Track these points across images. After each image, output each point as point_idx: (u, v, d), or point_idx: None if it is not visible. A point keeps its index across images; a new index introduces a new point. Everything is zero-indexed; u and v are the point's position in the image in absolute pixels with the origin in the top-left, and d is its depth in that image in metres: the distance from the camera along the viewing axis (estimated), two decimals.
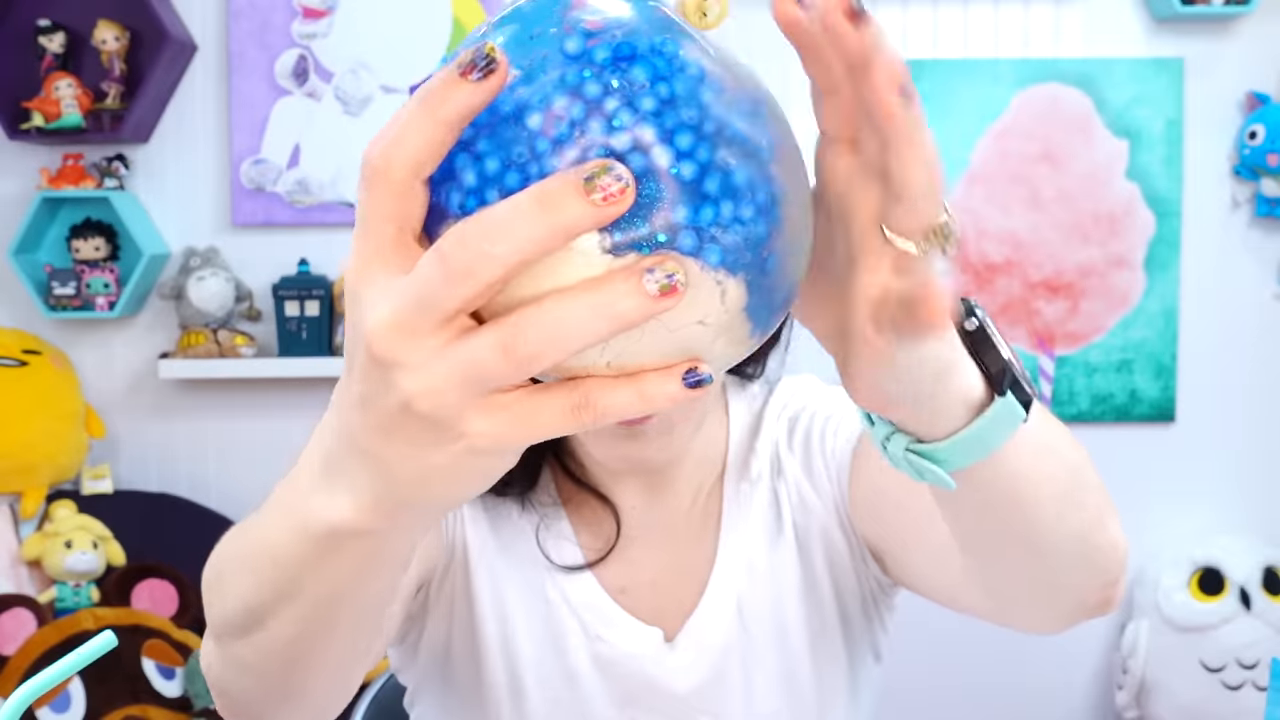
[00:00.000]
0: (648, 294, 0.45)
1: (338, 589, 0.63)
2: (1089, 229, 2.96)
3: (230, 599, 0.71)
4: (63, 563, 2.73)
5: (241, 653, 0.71)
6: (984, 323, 0.61)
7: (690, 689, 1.06)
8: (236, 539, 0.73)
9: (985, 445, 0.62)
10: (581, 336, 0.45)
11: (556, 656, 1.06)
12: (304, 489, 0.59)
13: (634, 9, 0.50)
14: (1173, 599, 2.85)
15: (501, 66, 0.45)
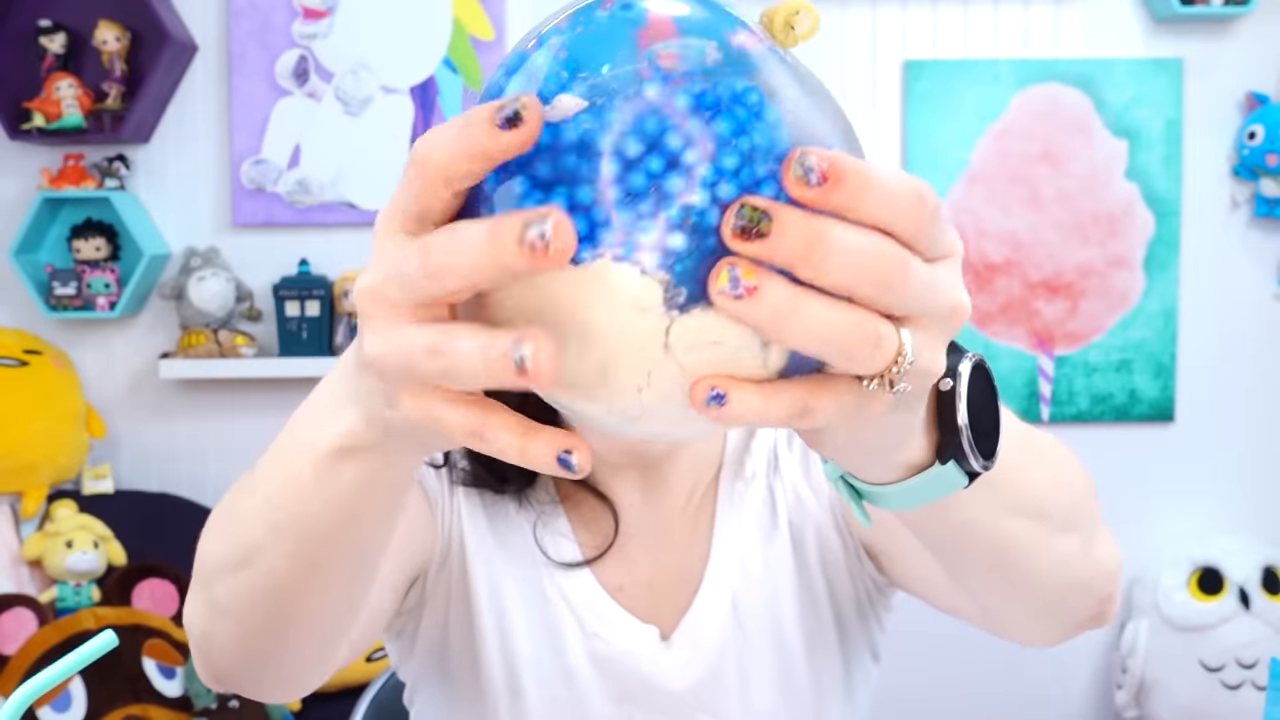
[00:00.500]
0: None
1: (332, 517, 0.64)
2: (1088, 229, 2.96)
3: (224, 537, 0.72)
4: (63, 562, 2.73)
5: (225, 595, 0.72)
6: (957, 384, 0.59)
7: (686, 687, 1.06)
8: (241, 483, 0.75)
9: (915, 501, 0.62)
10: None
11: (554, 653, 1.06)
12: (311, 414, 0.63)
13: (714, 31, 0.48)
14: (1172, 599, 2.85)
15: (530, 124, 0.45)
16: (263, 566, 0.69)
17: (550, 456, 0.48)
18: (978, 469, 0.60)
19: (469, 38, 2.92)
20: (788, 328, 0.45)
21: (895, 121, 2.97)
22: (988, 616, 0.85)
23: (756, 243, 0.44)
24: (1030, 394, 2.98)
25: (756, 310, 0.45)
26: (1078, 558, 0.77)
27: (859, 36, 2.97)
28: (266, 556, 0.68)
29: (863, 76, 2.97)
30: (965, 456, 0.59)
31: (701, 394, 0.47)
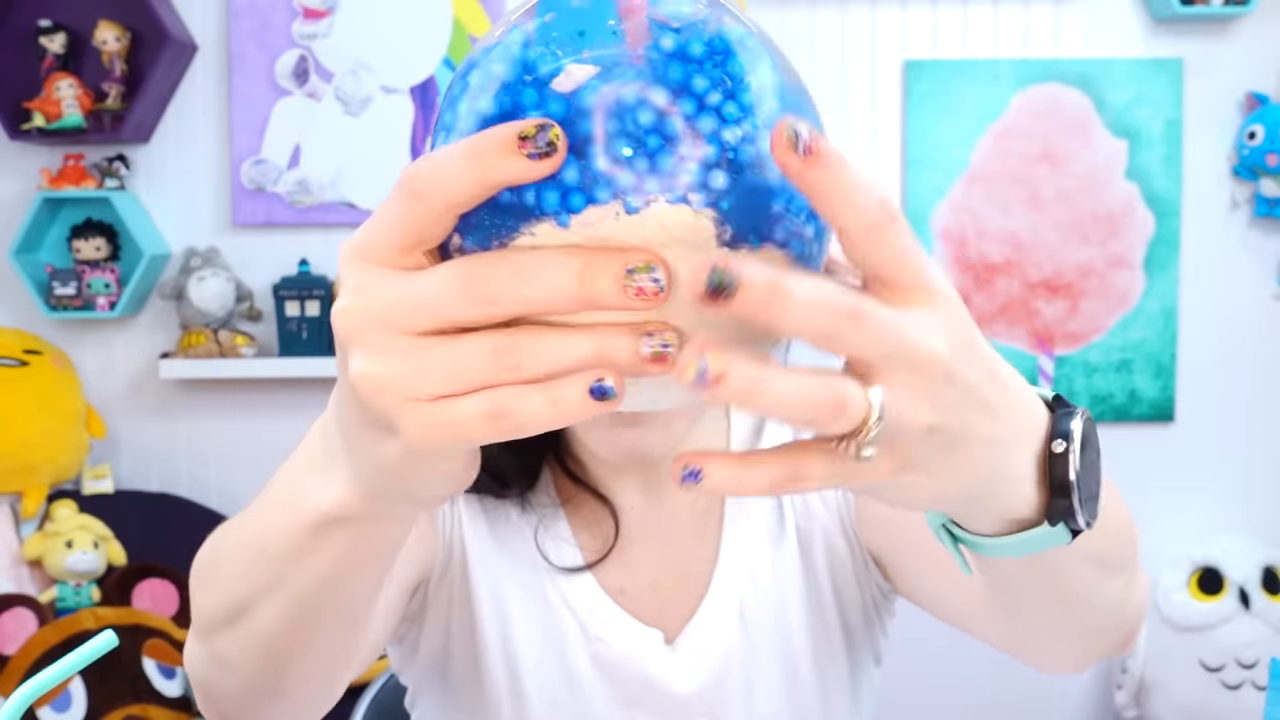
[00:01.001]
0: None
1: (323, 580, 0.64)
2: (1088, 229, 2.96)
3: (216, 592, 0.72)
4: (63, 562, 2.73)
5: (224, 648, 0.72)
6: (1070, 445, 0.59)
7: (691, 691, 1.06)
8: (225, 533, 0.74)
9: (1018, 552, 0.61)
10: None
11: (556, 658, 1.06)
12: (298, 478, 0.62)
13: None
14: (1172, 599, 2.85)
15: (559, 154, 0.46)
16: (256, 623, 0.69)
17: (583, 392, 0.47)
18: (1084, 527, 0.60)
19: (469, 38, 2.92)
20: (756, 404, 0.47)
21: (895, 121, 2.97)
22: (1016, 643, 0.85)
23: (723, 302, 0.45)
24: None
25: (726, 393, 0.46)
26: (1124, 595, 0.78)
27: (859, 36, 2.97)
28: (259, 613, 0.68)
29: (863, 76, 2.97)
30: (1074, 516, 0.59)
31: (677, 472, 0.49)
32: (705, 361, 0.46)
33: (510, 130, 0.45)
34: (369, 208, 2.93)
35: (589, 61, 0.47)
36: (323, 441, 0.60)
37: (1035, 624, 0.79)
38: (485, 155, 0.46)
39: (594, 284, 0.46)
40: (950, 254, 2.96)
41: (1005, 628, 0.84)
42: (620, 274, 0.45)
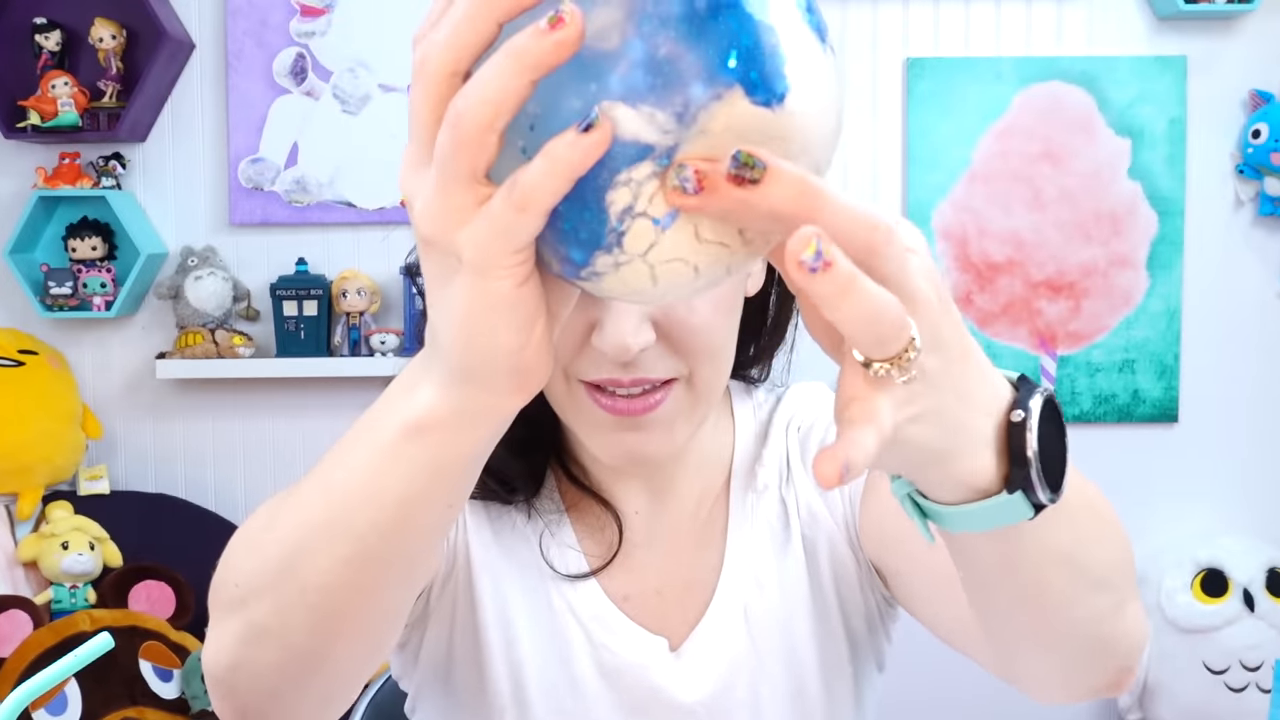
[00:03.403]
0: (545, 31, 0.48)
1: (395, 506, 0.65)
2: (1091, 228, 2.95)
3: (259, 552, 0.71)
4: (59, 564, 2.72)
5: (265, 614, 0.71)
6: (1028, 417, 0.61)
7: (696, 700, 1.05)
8: (279, 497, 0.74)
9: (980, 524, 0.63)
10: (502, 88, 0.49)
11: (560, 665, 1.05)
12: (378, 410, 0.65)
13: None
14: (1175, 600, 2.84)
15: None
16: (313, 574, 0.68)
17: (572, 135, 0.49)
18: (1044, 501, 0.62)
19: None
20: (843, 303, 0.49)
21: (897, 120, 2.97)
22: (1004, 663, 0.85)
23: (748, 187, 0.48)
24: None
25: (825, 284, 0.48)
26: (1109, 617, 0.78)
27: (860, 34, 2.96)
28: (318, 561, 0.68)
29: (864, 75, 2.96)
30: (1033, 488, 0.61)
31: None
32: (822, 243, 0.48)
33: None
34: (368, 207, 2.92)
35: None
36: (409, 371, 0.63)
37: (1012, 635, 0.79)
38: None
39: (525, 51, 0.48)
40: (952, 253, 2.95)
41: (991, 647, 0.84)
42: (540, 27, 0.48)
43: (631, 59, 0.47)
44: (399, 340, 2.86)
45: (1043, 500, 0.61)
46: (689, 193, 0.49)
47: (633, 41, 0.47)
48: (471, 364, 0.58)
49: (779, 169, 0.48)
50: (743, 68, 0.48)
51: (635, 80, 0.48)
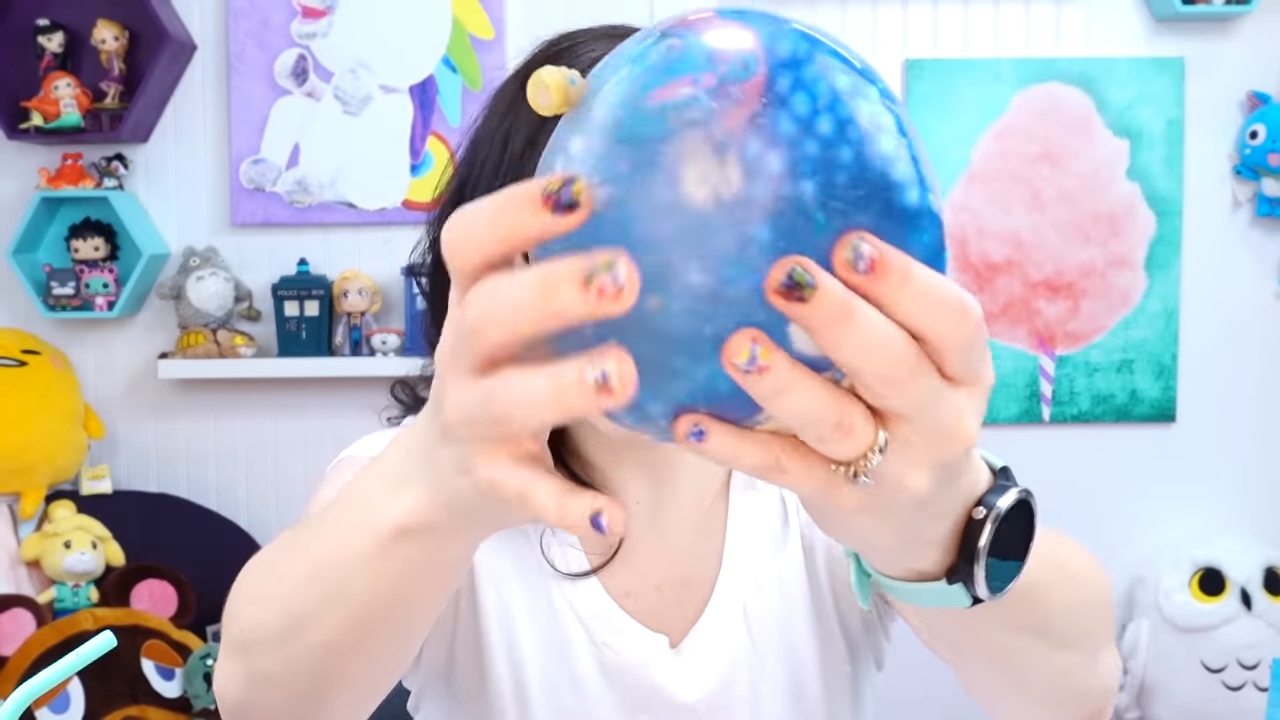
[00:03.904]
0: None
1: (387, 593, 0.64)
2: (1089, 229, 2.96)
3: (266, 607, 0.71)
4: (62, 563, 2.73)
5: (270, 665, 0.71)
6: (987, 516, 0.58)
7: (697, 697, 1.05)
8: (280, 548, 0.73)
9: (921, 602, 0.62)
10: (538, 406, 0.48)
11: (562, 664, 1.05)
12: (370, 491, 0.63)
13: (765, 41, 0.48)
14: (1173, 599, 2.84)
15: (584, 209, 0.46)
16: (314, 637, 0.68)
17: (585, 519, 0.49)
18: (983, 598, 0.60)
19: (468, 37, 2.92)
20: (777, 403, 0.47)
21: None
22: (978, 697, 0.85)
23: (795, 303, 0.46)
24: (1031, 394, 2.97)
25: (758, 386, 0.47)
26: (1080, 670, 0.77)
27: (859, 35, 2.96)
28: (318, 626, 0.67)
29: None
30: (974, 584, 0.59)
31: (684, 428, 0.49)
32: (757, 349, 0.46)
33: (536, 187, 0.47)
34: (368, 208, 2.93)
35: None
36: (404, 457, 0.61)
37: (977, 683, 0.79)
38: (505, 209, 0.47)
39: (555, 293, 0.46)
40: (951, 254, 2.95)
41: (967, 689, 0.84)
42: (579, 278, 0.45)
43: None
44: (400, 340, 2.86)
45: (981, 597, 0.60)
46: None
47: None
48: (469, 510, 0.57)
49: (827, 291, 0.46)
50: None
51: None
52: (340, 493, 0.67)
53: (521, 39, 2.86)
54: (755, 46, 0.47)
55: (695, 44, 0.48)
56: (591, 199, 0.46)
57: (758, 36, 0.48)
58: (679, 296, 0.46)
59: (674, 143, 0.46)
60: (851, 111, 0.48)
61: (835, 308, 0.46)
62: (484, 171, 0.98)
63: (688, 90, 0.46)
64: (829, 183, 0.46)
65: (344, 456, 1.05)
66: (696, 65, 0.47)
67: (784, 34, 0.49)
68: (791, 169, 0.46)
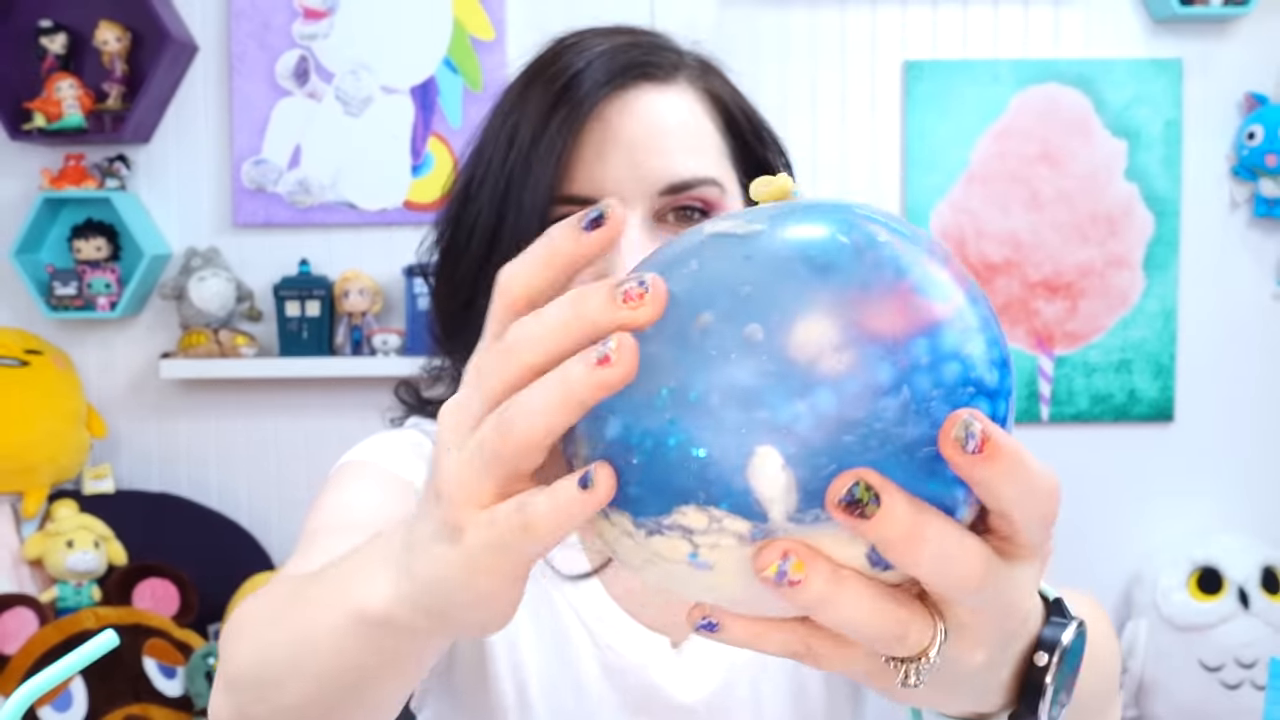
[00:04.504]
0: (591, 366, 0.46)
1: (356, 671, 0.63)
2: (1088, 229, 2.96)
3: (249, 653, 0.71)
4: (64, 562, 2.73)
5: (252, 709, 0.71)
6: (1051, 660, 0.57)
7: (698, 699, 1.05)
8: (271, 598, 0.73)
9: None
10: (546, 408, 0.47)
11: (563, 665, 1.05)
12: (354, 566, 0.62)
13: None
14: (1171, 598, 2.85)
15: (612, 226, 0.47)
16: (289, 698, 0.68)
17: (573, 484, 0.48)
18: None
19: (469, 38, 2.93)
20: (823, 614, 0.46)
21: (895, 122, 2.98)
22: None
23: (857, 520, 0.44)
24: (1030, 394, 2.98)
25: (794, 599, 0.46)
26: None
27: (859, 37, 2.97)
28: (293, 689, 0.67)
29: (863, 77, 2.97)
30: (1036, 717, 0.59)
31: (694, 617, 0.49)
32: (788, 563, 0.45)
33: (611, 284, 0.47)
34: (370, 208, 2.93)
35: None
36: (385, 542, 0.60)
37: None
38: (553, 238, 0.49)
39: (586, 302, 0.46)
40: None
41: None
42: (611, 288, 0.46)
43: None
44: (400, 340, 2.87)
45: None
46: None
47: None
48: (440, 607, 0.55)
49: (891, 507, 0.44)
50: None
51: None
52: (333, 561, 0.66)
53: (522, 40, 2.87)
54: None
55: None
56: (620, 223, 0.47)
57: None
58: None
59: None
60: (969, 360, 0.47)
61: (902, 528, 0.44)
62: (490, 169, 0.99)
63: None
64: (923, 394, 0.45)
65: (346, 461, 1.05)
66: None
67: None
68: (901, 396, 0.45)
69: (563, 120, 0.95)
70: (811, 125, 2.95)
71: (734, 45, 2.85)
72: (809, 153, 2.93)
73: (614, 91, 0.97)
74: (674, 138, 0.97)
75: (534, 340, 0.47)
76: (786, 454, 0.44)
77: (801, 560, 0.45)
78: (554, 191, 0.95)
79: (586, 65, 0.96)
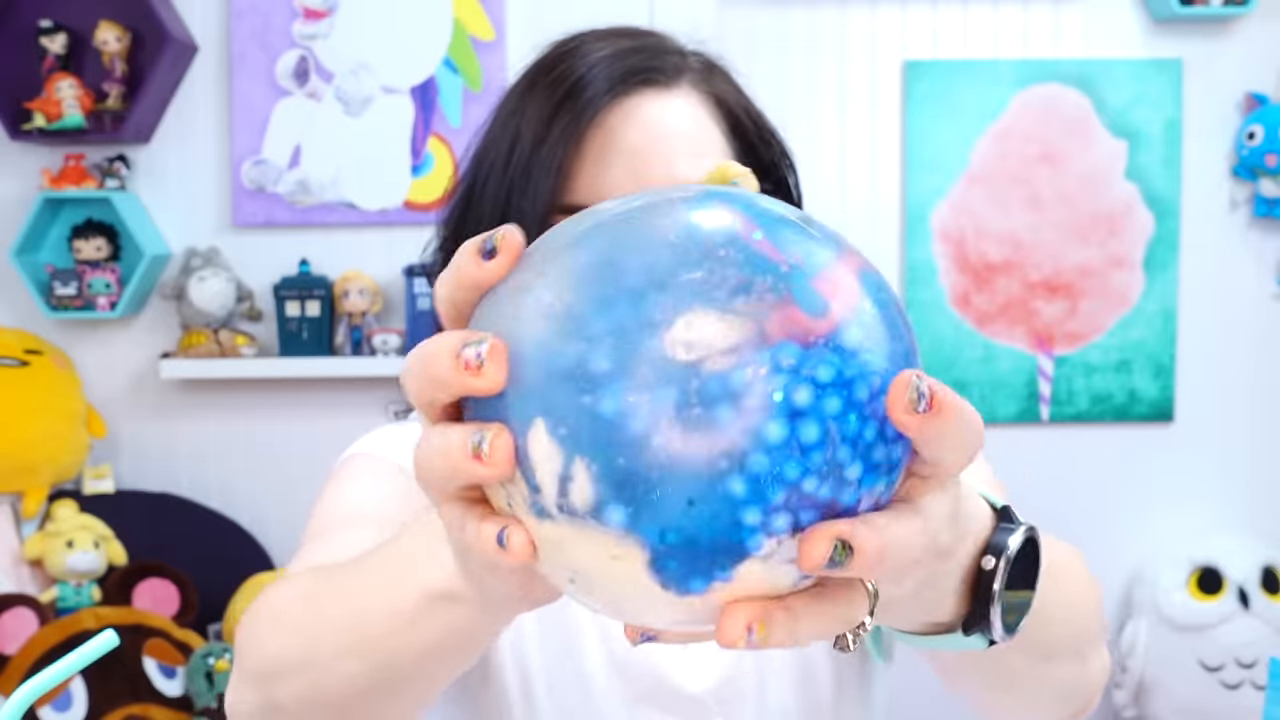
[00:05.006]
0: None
1: (419, 653, 0.64)
2: (1088, 229, 2.96)
3: (290, 639, 0.71)
4: (64, 562, 2.73)
5: (285, 698, 0.71)
6: (999, 563, 0.59)
7: (705, 688, 1.05)
8: (299, 588, 0.73)
9: (932, 648, 0.62)
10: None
11: (569, 657, 1.05)
12: (410, 549, 0.63)
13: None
14: (1171, 598, 2.85)
15: (505, 253, 0.47)
16: (335, 680, 0.68)
17: (491, 537, 0.48)
18: (999, 640, 0.61)
19: (469, 38, 2.93)
20: (769, 641, 0.47)
21: (895, 122, 2.98)
22: (978, 708, 0.87)
23: (835, 570, 0.46)
24: (1030, 394, 2.98)
25: (763, 644, 0.47)
26: (1075, 675, 0.79)
27: (858, 37, 2.97)
28: (341, 670, 0.67)
29: (862, 77, 2.97)
30: (990, 629, 0.60)
31: (631, 635, 0.51)
32: (754, 637, 0.46)
33: (474, 243, 0.48)
34: (369, 208, 2.94)
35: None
36: (429, 529, 0.61)
37: (975, 695, 0.81)
38: (458, 259, 0.49)
39: (436, 365, 0.47)
40: (950, 254, 2.96)
41: (955, 690, 0.86)
42: (453, 355, 0.46)
43: None
44: (400, 340, 2.87)
45: (997, 640, 0.60)
46: None
47: None
48: (497, 588, 0.56)
49: (862, 552, 0.46)
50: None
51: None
52: (386, 544, 0.66)
53: (522, 40, 2.87)
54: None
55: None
56: (518, 243, 0.48)
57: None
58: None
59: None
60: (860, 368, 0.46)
61: (873, 560, 0.46)
62: (491, 175, 0.99)
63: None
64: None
65: (350, 454, 1.06)
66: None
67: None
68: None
69: (564, 128, 0.95)
70: (811, 125, 2.95)
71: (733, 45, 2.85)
72: (809, 153, 2.93)
73: (616, 98, 0.96)
74: (676, 144, 0.97)
75: (414, 382, 0.49)
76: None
77: (761, 623, 0.46)
78: (555, 200, 0.95)
79: (588, 71, 0.96)
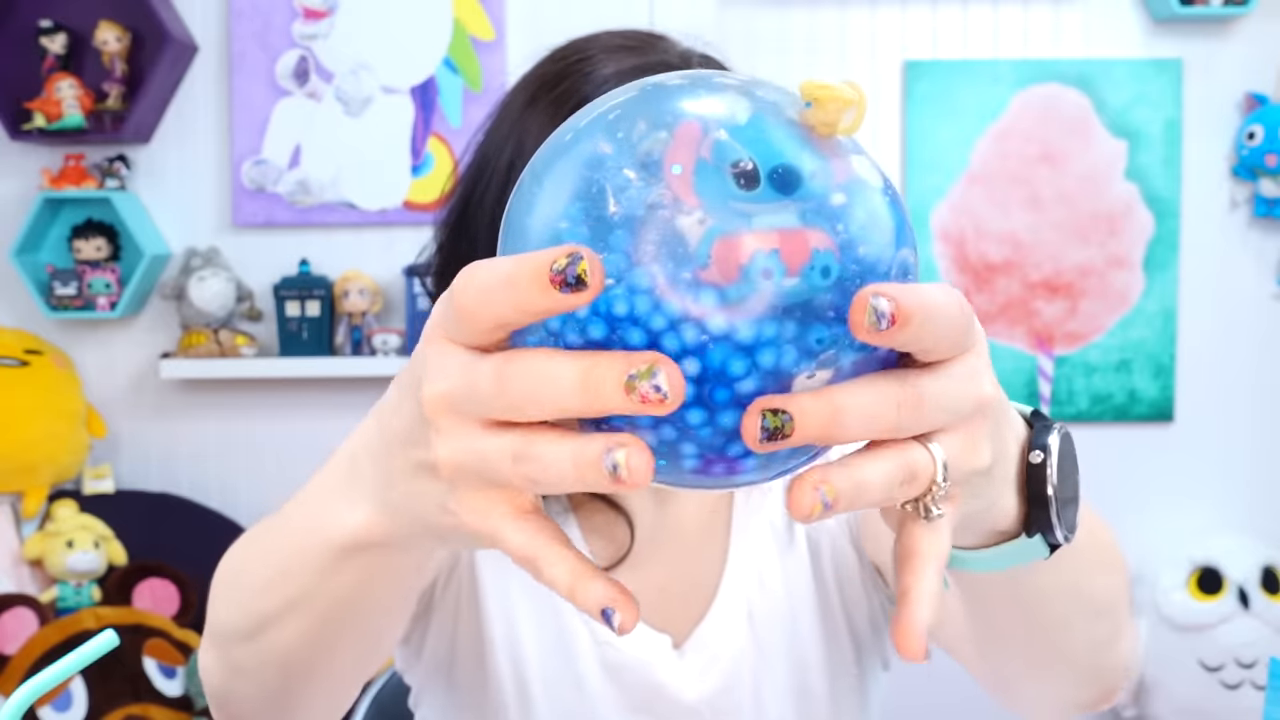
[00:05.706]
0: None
1: (343, 600, 0.64)
2: (1088, 229, 2.96)
3: (235, 605, 0.72)
4: (64, 562, 2.73)
5: (241, 658, 0.73)
6: (1047, 458, 0.60)
7: (699, 697, 1.05)
8: (248, 545, 0.74)
9: (996, 565, 0.63)
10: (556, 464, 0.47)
11: (564, 662, 1.05)
12: (322, 499, 0.62)
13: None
14: (1171, 598, 2.85)
15: (593, 285, 0.44)
16: (275, 639, 0.69)
17: (597, 608, 0.48)
18: (1061, 541, 0.61)
19: (469, 38, 2.93)
20: (839, 498, 0.47)
21: (895, 122, 2.98)
22: (999, 682, 0.87)
23: (783, 442, 0.46)
24: (1030, 394, 2.98)
25: (828, 512, 0.47)
26: (1105, 645, 0.79)
27: (859, 37, 2.97)
28: (278, 629, 0.69)
29: (862, 77, 2.97)
30: (1051, 529, 0.60)
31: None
32: (822, 493, 0.46)
33: (545, 261, 0.44)
34: (370, 208, 2.93)
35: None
36: (350, 466, 0.60)
37: (1012, 659, 0.80)
38: (520, 285, 0.45)
39: (599, 388, 0.45)
40: (950, 254, 2.96)
41: (988, 664, 0.86)
42: (622, 378, 0.44)
43: None
44: (400, 340, 2.87)
45: (1059, 541, 0.61)
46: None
47: None
48: (420, 528, 0.55)
49: (802, 416, 0.46)
50: None
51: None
52: (298, 495, 0.67)
53: (522, 41, 2.88)
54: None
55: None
56: (601, 275, 0.44)
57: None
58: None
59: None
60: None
61: (819, 420, 0.46)
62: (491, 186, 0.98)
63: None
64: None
65: None
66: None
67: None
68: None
69: None
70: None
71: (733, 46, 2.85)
72: None
73: None
74: None
75: (543, 408, 0.46)
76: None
77: (828, 481, 0.47)
78: None
79: (593, 91, 0.95)
